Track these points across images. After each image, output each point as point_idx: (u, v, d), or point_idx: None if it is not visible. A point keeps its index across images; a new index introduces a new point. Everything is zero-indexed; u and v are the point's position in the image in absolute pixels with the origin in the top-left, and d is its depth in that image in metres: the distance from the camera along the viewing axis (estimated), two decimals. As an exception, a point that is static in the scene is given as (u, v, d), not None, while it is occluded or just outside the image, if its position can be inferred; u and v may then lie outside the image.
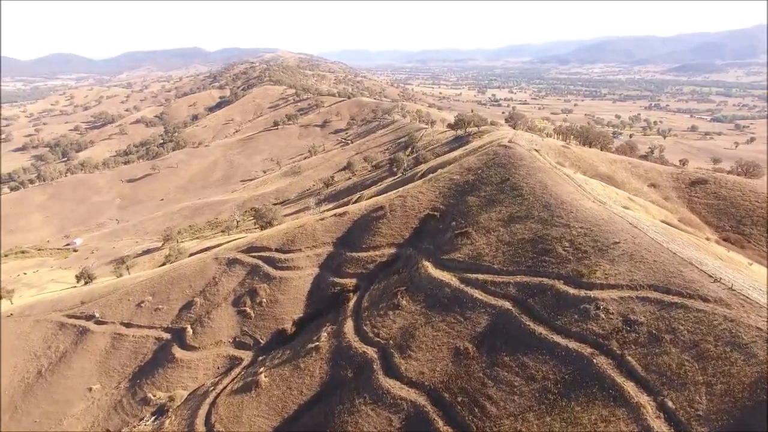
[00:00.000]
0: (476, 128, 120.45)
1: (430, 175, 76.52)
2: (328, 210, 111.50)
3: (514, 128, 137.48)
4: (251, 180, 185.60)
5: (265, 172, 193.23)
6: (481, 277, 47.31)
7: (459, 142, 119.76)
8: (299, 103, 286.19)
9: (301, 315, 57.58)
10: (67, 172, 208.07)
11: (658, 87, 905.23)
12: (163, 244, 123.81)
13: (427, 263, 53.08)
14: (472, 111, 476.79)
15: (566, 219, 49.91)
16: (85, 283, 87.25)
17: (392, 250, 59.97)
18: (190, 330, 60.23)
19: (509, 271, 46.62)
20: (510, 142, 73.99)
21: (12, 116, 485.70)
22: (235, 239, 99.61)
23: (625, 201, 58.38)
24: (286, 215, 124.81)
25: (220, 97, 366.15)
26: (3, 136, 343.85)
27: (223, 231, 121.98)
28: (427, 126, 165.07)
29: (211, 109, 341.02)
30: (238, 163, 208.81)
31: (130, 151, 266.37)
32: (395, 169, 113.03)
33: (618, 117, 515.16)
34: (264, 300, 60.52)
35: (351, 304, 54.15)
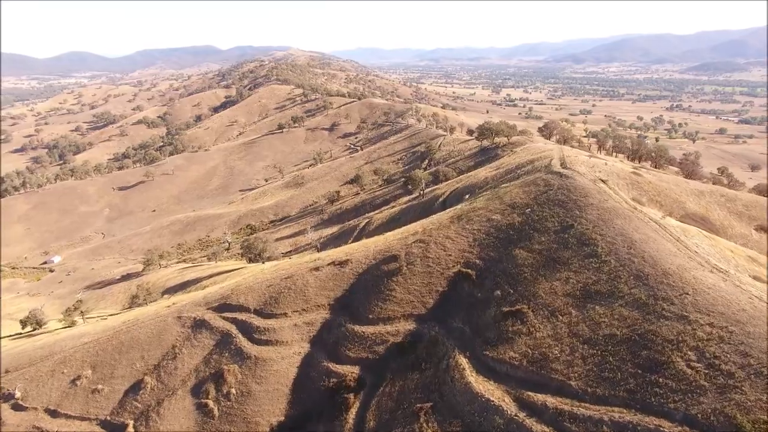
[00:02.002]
0: (506, 139, 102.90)
1: (459, 207, 59.31)
2: (327, 235, 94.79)
3: (548, 138, 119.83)
4: (251, 190, 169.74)
5: (266, 180, 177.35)
6: (551, 401, 30.08)
7: (486, 155, 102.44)
8: (307, 104, 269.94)
9: (282, 419, 40.85)
10: (56, 179, 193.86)
11: (677, 87, 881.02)
12: (143, 269, 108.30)
13: (462, 360, 35.99)
14: (487, 111, 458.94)
15: (680, 305, 32.47)
16: (33, 329, 71.62)
17: (410, 326, 42.92)
18: (131, 430, 43.87)
19: (598, 396, 29.34)
20: (564, 167, 56.46)
21: (19, 115, 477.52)
22: (219, 272, 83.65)
23: (747, 263, 40.77)
24: (282, 237, 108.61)
25: (226, 97, 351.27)
26: (3, 137, 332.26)
27: (209, 258, 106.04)
28: (445, 133, 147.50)
29: (215, 110, 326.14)
30: (239, 170, 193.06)
31: (128, 154, 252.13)
32: (410, 188, 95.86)
33: (640, 119, 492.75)
34: (233, 390, 43.87)
35: (351, 415, 37.28)
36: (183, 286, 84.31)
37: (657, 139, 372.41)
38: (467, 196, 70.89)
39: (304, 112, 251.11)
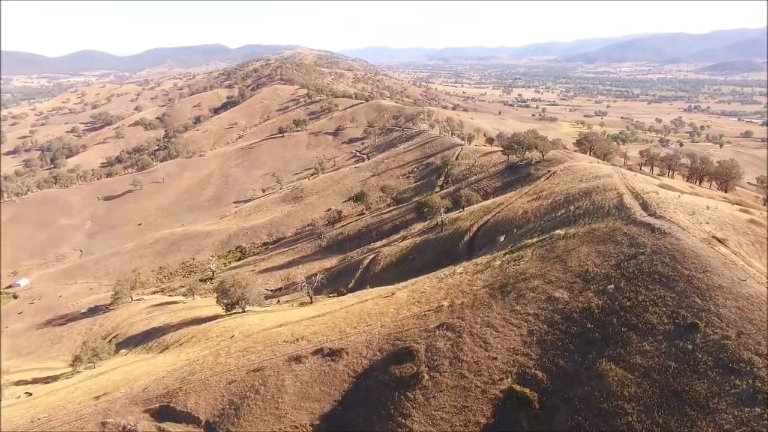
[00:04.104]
0: (539, 154, 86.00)
1: (498, 264, 42.83)
2: (324, 271, 78.61)
3: (588, 153, 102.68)
4: (246, 202, 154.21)
5: (264, 191, 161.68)
6: None
7: (515, 174, 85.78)
8: (311, 106, 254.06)
9: None
10: (37, 186, 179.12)
11: (693, 87, 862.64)
12: (111, 303, 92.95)
13: None
14: (499, 112, 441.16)
15: None
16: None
17: (436, 489, 26.58)
18: None
19: None
20: (652, 213, 39.72)
21: (20, 114, 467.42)
22: (190, 320, 67.76)
23: None
24: (273, 268, 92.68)
25: (228, 97, 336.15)
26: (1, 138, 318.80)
27: (185, 293, 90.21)
28: (463, 142, 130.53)
29: (216, 111, 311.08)
30: (235, 178, 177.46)
31: (122, 158, 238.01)
32: (425, 212, 79.35)
33: (659, 121, 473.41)
34: None
35: None
36: (145, 337, 68.65)
37: (681, 144, 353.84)
38: (502, 238, 54.43)
39: (308, 115, 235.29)
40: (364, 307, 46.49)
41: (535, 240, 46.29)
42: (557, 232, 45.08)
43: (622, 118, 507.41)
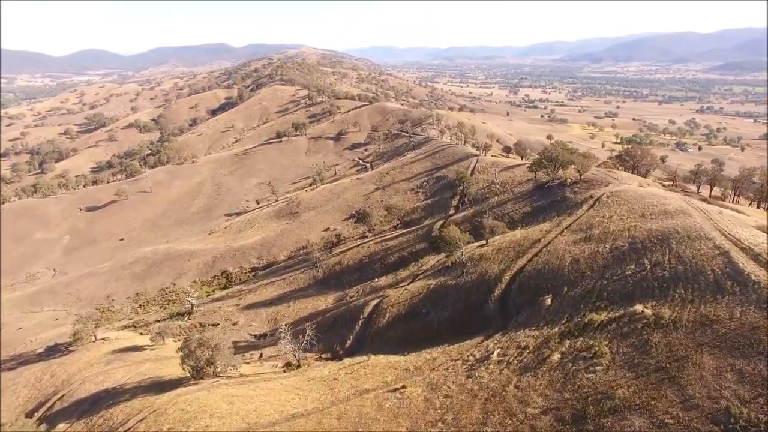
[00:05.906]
0: (577, 174, 71.86)
1: (558, 354, 29.35)
2: (317, 316, 65.12)
3: (632, 171, 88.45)
4: (238, 215, 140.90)
5: (257, 202, 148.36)
6: None
7: (546, 197, 71.80)
8: (311, 108, 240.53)
9: None
10: (16, 195, 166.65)
11: (703, 87, 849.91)
12: (71, 343, 79.63)
13: None
14: (507, 114, 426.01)
15: None
16: None
17: None
18: None
19: None
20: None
21: (17, 114, 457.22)
22: (150, 381, 54.46)
23: None
24: (258, 304, 79.17)
25: (226, 98, 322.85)
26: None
27: (153, 337, 76.55)
28: (478, 152, 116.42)
29: (213, 112, 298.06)
30: (228, 187, 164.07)
31: (113, 163, 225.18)
32: (442, 247, 65.57)
33: (673, 122, 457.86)
34: None
35: None
36: (93, 405, 55.08)
37: (699, 148, 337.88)
38: (549, 301, 40.63)
39: (308, 117, 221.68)
40: (363, 410, 32.89)
41: (604, 316, 32.60)
42: (639, 308, 31.37)
43: (633, 119, 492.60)
